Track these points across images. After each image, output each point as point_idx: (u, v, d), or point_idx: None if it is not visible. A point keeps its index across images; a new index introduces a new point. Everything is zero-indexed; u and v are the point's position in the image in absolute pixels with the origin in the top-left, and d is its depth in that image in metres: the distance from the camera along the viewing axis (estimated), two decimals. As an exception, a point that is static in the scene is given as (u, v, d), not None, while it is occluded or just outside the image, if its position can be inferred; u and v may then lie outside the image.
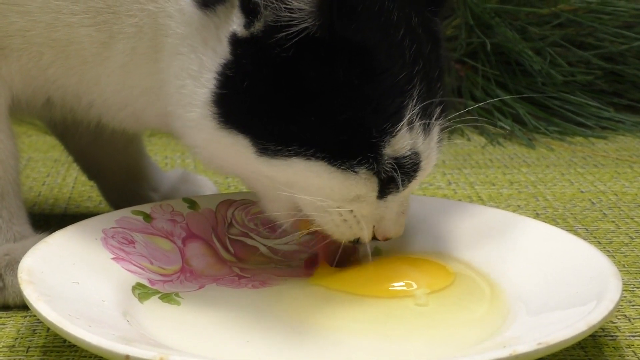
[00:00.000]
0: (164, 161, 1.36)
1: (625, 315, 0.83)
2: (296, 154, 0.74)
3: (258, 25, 0.72)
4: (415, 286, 0.81)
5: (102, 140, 0.93)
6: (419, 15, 0.76)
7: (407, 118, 0.74)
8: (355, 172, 0.74)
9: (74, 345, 0.75)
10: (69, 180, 1.26)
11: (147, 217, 0.89)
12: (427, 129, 0.76)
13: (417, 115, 0.75)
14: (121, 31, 0.79)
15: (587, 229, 1.06)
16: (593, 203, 1.15)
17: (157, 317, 0.77)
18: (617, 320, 0.82)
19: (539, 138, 1.49)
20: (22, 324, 0.82)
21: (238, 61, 0.74)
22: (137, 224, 0.87)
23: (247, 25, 0.73)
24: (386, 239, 0.81)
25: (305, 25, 0.71)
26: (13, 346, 0.78)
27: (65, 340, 0.77)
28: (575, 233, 1.01)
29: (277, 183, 0.77)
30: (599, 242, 1.01)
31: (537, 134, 1.50)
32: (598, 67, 1.59)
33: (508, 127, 1.51)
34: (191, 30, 0.76)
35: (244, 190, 0.94)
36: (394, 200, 0.78)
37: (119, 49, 0.80)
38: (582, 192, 1.20)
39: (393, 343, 0.74)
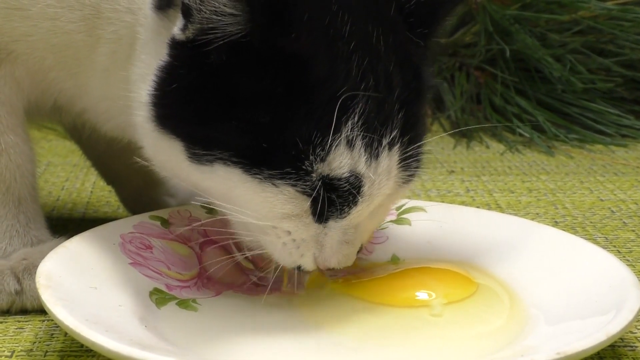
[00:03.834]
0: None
1: (644, 325, 0.82)
2: (217, 159, 0.71)
3: (192, 29, 0.71)
4: (433, 296, 0.80)
5: (118, 145, 0.93)
6: (386, 33, 0.72)
7: (345, 135, 0.69)
8: (275, 185, 0.71)
9: (91, 350, 0.75)
10: (87, 185, 1.26)
11: (165, 223, 0.89)
12: (374, 151, 0.71)
13: (359, 134, 0.70)
14: (103, 36, 0.80)
15: (606, 238, 1.05)
16: (613, 212, 1.14)
17: (174, 322, 0.77)
18: (636, 331, 0.81)
19: (558, 145, 1.48)
20: (40, 328, 0.82)
21: (171, 63, 0.73)
22: (154, 229, 0.87)
23: (183, 28, 0.72)
24: (329, 269, 0.77)
25: (231, 29, 0.69)
26: (31, 350, 0.78)
27: (82, 345, 0.77)
28: (595, 242, 1.00)
29: (215, 198, 0.75)
30: (619, 251, 1.01)
31: (557, 141, 1.49)
32: (618, 75, 1.58)
33: (527, 135, 1.50)
34: (150, 34, 0.77)
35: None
36: (335, 227, 0.73)
37: (102, 52, 0.81)
38: (601, 200, 1.19)
39: (403, 353, 0.73)
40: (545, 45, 1.58)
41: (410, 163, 0.74)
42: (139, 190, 1.08)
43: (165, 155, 0.75)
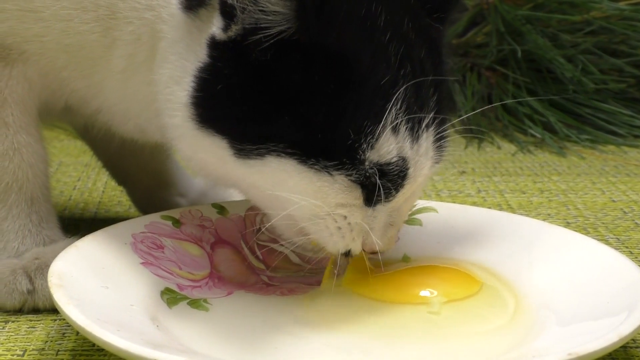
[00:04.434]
0: (193, 166, 1.36)
1: (656, 326, 0.82)
2: (269, 152, 0.73)
3: (235, 29, 0.72)
4: (435, 294, 0.80)
5: (129, 146, 0.93)
6: (413, 20, 0.75)
7: (390, 121, 0.72)
8: (330, 174, 0.73)
9: (103, 349, 0.75)
10: (99, 185, 1.27)
11: (177, 222, 0.89)
12: (415, 134, 0.74)
13: (403, 119, 0.73)
14: (120, 37, 0.80)
15: (618, 239, 1.05)
16: (625, 212, 1.14)
17: (185, 322, 0.77)
18: (648, 332, 0.81)
19: (570, 146, 1.48)
20: (52, 327, 0.82)
21: (214, 64, 0.74)
22: (166, 229, 0.88)
23: (225, 28, 0.73)
24: (373, 253, 0.78)
25: (280, 28, 0.71)
26: (43, 349, 0.78)
27: (94, 344, 0.77)
28: (607, 243, 1.00)
29: (263, 192, 0.76)
30: (631, 252, 1.00)
31: (568, 142, 1.49)
32: (631, 75, 1.58)
33: (539, 135, 1.50)
34: (179, 34, 0.77)
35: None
36: (382, 210, 0.76)
37: (118, 54, 0.81)
38: (613, 201, 1.19)
39: (398, 349, 0.73)
40: (557, 45, 1.57)
41: (442, 143, 0.77)
42: (150, 191, 1.08)
43: (206, 153, 0.76)
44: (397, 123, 0.73)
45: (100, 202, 1.19)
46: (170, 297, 0.81)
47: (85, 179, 1.30)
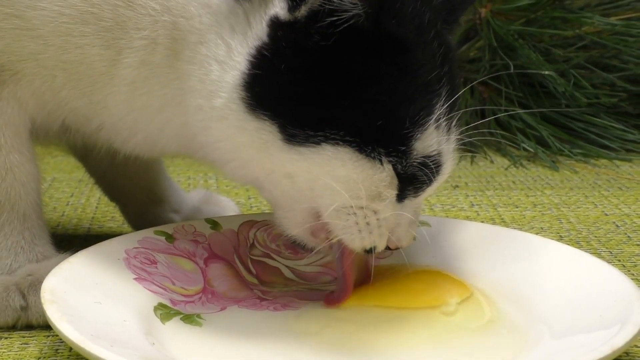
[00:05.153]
0: (186, 182, 1.36)
1: (650, 339, 0.82)
2: (325, 139, 0.73)
3: (303, 10, 0.73)
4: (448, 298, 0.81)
5: (122, 163, 0.93)
6: (442, 22, 0.78)
7: (435, 115, 0.75)
8: (382, 163, 0.74)
9: (96, 366, 0.75)
10: (92, 201, 1.27)
11: (170, 238, 0.89)
12: (449, 130, 0.77)
13: (444, 114, 0.76)
14: (128, 46, 0.79)
15: (611, 252, 1.05)
16: (617, 226, 1.14)
17: (179, 338, 0.77)
18: (641, 345, 0.81)
19: (562, 160, 1.48)
20: (45, 343, 0.82)
21: (277, 44, 0.74)
22: (159, 245, 0.88)
23: (292, 9, 0.73)
24: (397, 248, 0.80)
25: (353, 13, 0.72)
26: (35, 366, 0.78)
27: (87, 360, 0.77)
28: (599, 256, 1.00)
29: (297, 183, 0.77)
30: (624, 266, 1.00)
31: (561, 156, 1.49)
32: (623, 90, 1.59)
33: (531, 149, 1.50)
34: (217, 18, 0.76)
35: (267, 211, 0.94)
36: (410, 205, 0.78)
37: (126, 64, 0.80)
38: (606, 215, 1.19)
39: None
40: (549, 60, 1.58)
41: (458, 138, 0.80)
42: (144, 207, 1.08)
43: (248, 137, 0.76)
44: (439, 118, 0.75)
45: (94, 218, 1.19)
46: (164, 312, 0.80)
47: (79, 195, 1.30)
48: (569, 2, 1.62)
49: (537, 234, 1.04)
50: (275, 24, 0.74)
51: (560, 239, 1.09)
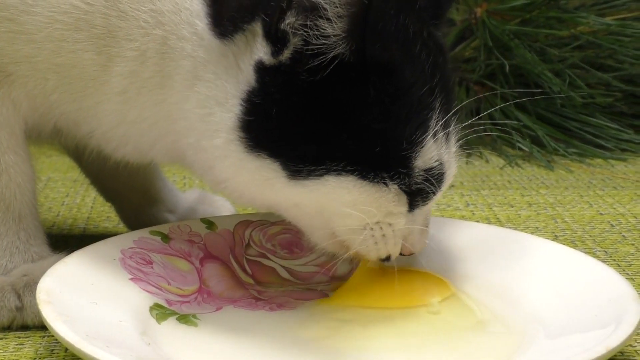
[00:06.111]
0: (182, 181, 1.36)
1: (645, 339, 0.82)
2: (327, 171, 0.74)
3: (286, 53, 0.73)
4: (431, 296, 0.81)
5: (115, 165, 0.93)
6: (427, 27, 0.78)
7: (432, 129, 0.75)
8: (387, 185, 0.75)
9: (92, 366, 0.75)
10: (87, 201, 1.27)
11: (165, 238, 0.89)
12: (448, 138, 0.78)
13: (440, 125, 0.76)
14: (119, 54, 0.79)
15: (606, 252, 1.05)
16: (612, 225, 1.14)
17: (174, 338, 0.77)
18: (636, 344, 0.81)
19: (557, 160, 1.48)
20: (41, 344, 0.82)
21: (265, 89, 0.74)
22: (155, 245, 0.88)
23: (275, 53, 0.73)
24: (410, 254, 0.82)
25: (338, 51, 0.72)
26: (31, 366, 0.78)
27: (82, 361, 0.77)
28: (594, 255, 1.00)
29: (305, 212, 0.78)
30: (618, 265, 1.01)
31: (556, 155, 1.50)
32: (618, 89, 1.59)
33: (527, 149, 1.51)
34: (212, 57, 0.76)
35: (262, 211, 0.94)
36: (420, 213, 0.80)
37: (117, 72, 0.80)
38: (601, 214, 1.19)
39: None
40: (544, 60, 1.58)
41: (457, 141, 0.80)
42: (139, 208, 1.08)
43: (251, 175, 0.76)
44: (437, 130, 0.76)
45: (89, 218, 1.19)
46: (160, 312, 0.80)
47: (74, 195, 1.30)
48: (564, 2, 1.62)
49: (532, 233, 1.04)
50: (262, 69, 0.74)
51: (555, 238, 1.09)
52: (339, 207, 0.76)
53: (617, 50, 1.60)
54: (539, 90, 1.51)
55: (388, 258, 0.81)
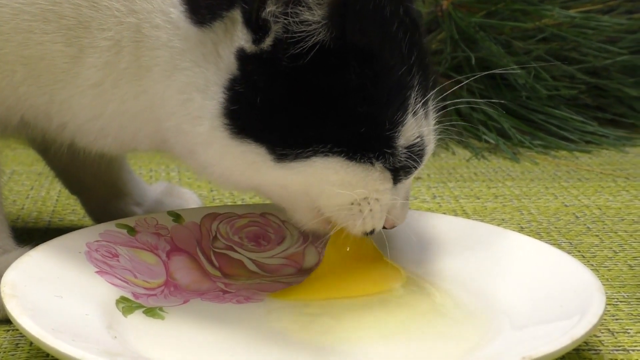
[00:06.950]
0: (148, 174, 1.35)
1: (608, 329, 0.83)
2: (314, 153, 0.75)
3: (268, 41, 0.73)
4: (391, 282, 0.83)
5: (83, 157, 0.92)
6: (403, 4, 0.78)
7: (412, 107, 0.77)
8: (372, 164, 0.77)
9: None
10: (52, 194, 1.26)
11: (132, 231, 0.88)
12: (427, 113, 0.80)
13: (419, 102, 0.78)
14: (92, 45, 0.78)
15: (571, 243, 1.06)
16: (577, 217, 1.16)
17: (141, 331, 0.77)
18: (600, 335, 0.82)
19: (523, 152, 1.49)
20: (5, 338, 0.81)
21: (248, 77, 0.74)
22: (121, 237, 0.87)
23: (256, 41, 0.73)
24: (393, 227, 0.83)
25: (319, 38, 0.73)
26: (-5, 360, 0.77)
27: (48, 355, 0.76)
28: (559, 247, 1.01)
29: (291, 192, 0.79)
30: (583, 256, 1.02)
31: (522, 147, 1.51)
32: (582, 82, 1.60)
33: (493, 141, 1.51)
34: (190, 45, 0.76)
35: (229, 203, 0.94)
36: (402, 187, 0.81)
37: (89, 64, 0.79)
38: (566, 206, 1.20)
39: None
40: (510, 52, 1.59)
41: (435, 116, 0.82)
42: (106, 201, 1.07)
43: (236, 160, 0.77)
44: (417, 107, 0.77)
45: (54, 211, 1.18)
46: (126, 305, 0.80)
47: (39, 188, 1.29)
48: (530, -6, 1.63)
49: (498, 225, 1.05)
50: (243, 57, 0.74)
51: (521, 230, 1.10)
52: (327, 186, 0.77)
53: (581, 42, 1.61)
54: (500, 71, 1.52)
55: (372, 232, 0.82)
